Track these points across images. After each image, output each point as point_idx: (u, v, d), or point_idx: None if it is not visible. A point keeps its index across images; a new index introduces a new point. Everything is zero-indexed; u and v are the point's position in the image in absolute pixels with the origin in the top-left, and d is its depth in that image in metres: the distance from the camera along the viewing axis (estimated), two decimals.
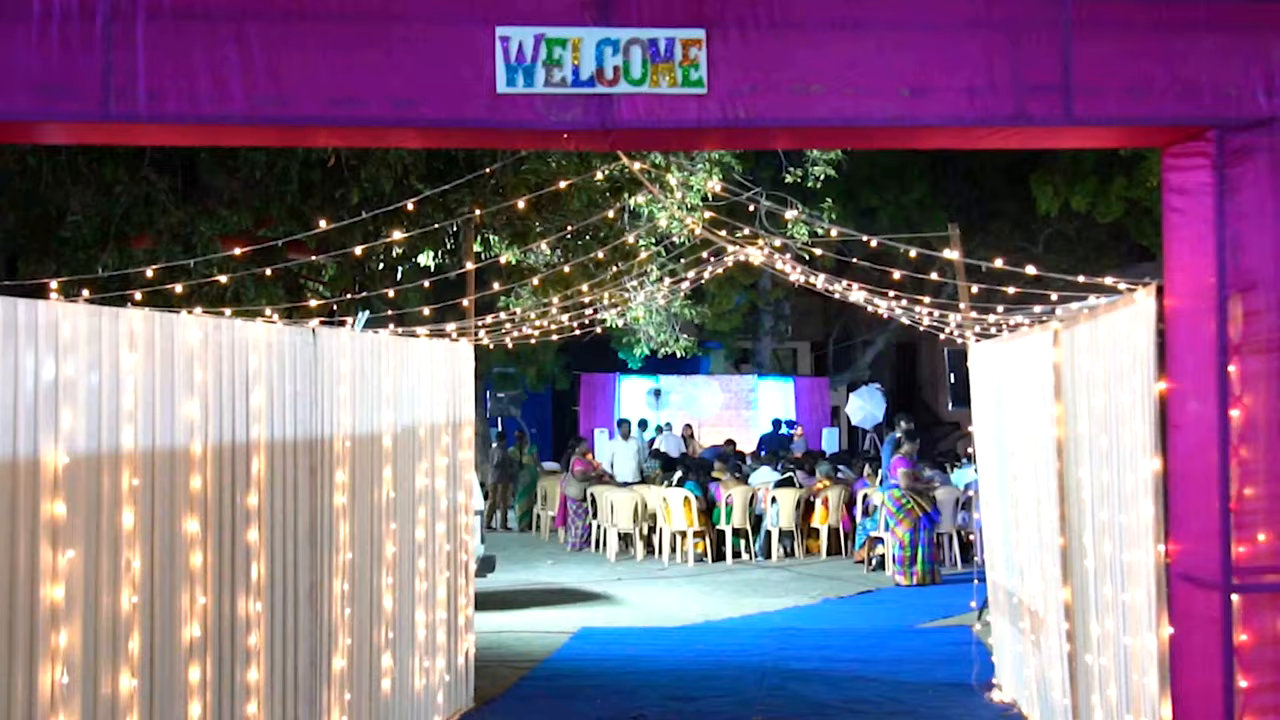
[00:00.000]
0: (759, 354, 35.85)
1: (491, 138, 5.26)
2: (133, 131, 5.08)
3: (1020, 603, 9.71)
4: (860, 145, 6.86)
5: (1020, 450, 9.40)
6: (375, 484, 8.55)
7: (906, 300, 11.44)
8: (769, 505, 19.93)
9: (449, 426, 10.01)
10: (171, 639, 6.13)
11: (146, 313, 6.03)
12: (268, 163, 10.40)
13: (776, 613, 15.47)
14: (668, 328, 18.53)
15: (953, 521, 18.66)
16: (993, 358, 10.51)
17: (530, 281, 12.07)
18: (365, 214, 9.94)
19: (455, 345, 10.26)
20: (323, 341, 7.79)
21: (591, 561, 19.95)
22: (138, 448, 5.89)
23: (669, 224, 15.60)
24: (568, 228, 10.84)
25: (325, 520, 7.76)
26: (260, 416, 7.02)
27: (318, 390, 7.70)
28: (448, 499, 9.97)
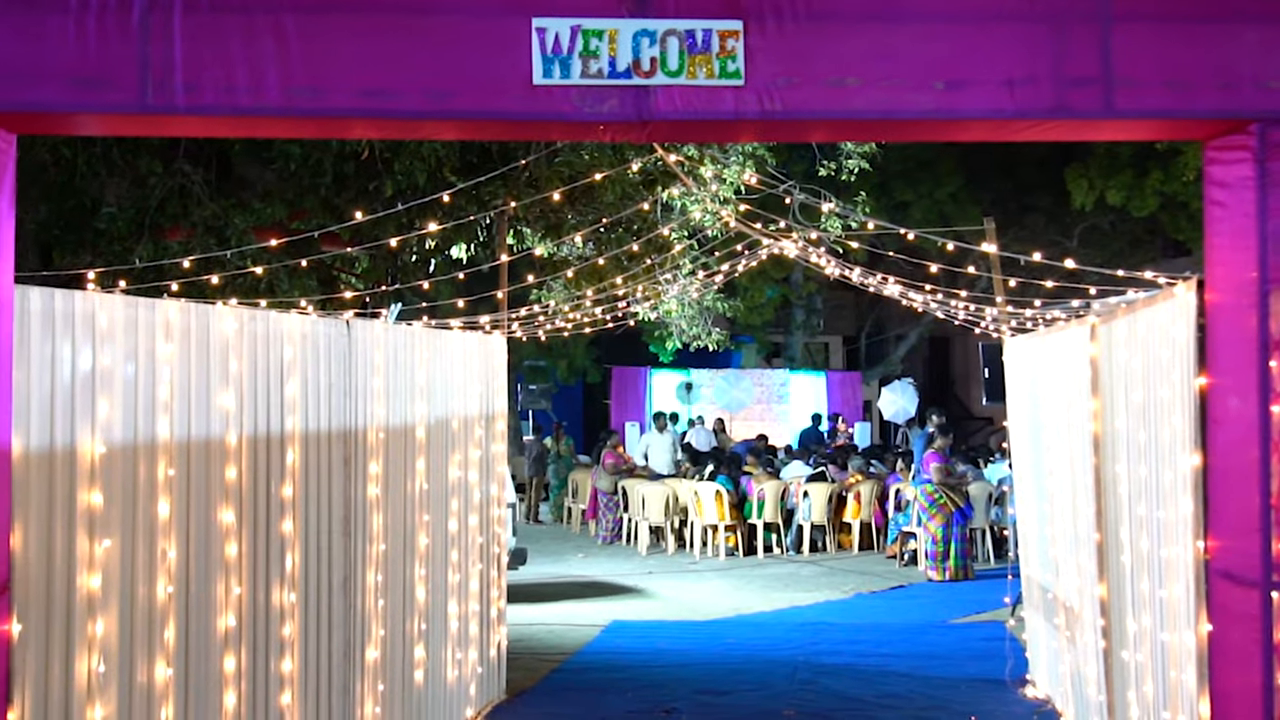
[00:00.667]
0: (791, 348, 35.71)
1: (527, 129, 5.24)
2: (169, 123, 5.08)
3: (1055, 598, 9.66)
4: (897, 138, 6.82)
5: (1056, 445, 9.35)
6: (408, 476, 8.56)
7: (941, 294, 11.37)
8: (801, 500, 19.89)
9: (481, 419, 10.02)
10: (207, 629, 6.15)
11: (182, 303, 6.05)
12: (302, 155, 10.42)
13: (808, 607, 15.43)
14: (700, 321, 18.49)
15: (985, 517, 18.59)
16: (1028, 352, 10.45)
17: (564, 274, 12.04)
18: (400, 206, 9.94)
19: (488, 337, 10.27)
20: (357, 333, 7.80)
21: (622, 555, 19.94)
22: (173, 438, 5.91)
23: (702, 217, 15.58)
24: (601, 220, 10.80)
25: (359, 511, 7.77)
26: (295, 407, 7.04)
27: (352, 382, 7.71)
28: (480, 491, 9.98)
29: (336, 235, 11.08)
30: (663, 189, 11.80)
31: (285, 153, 10.36)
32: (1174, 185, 24.95)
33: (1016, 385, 11.04)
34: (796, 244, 12.63)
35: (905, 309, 36.58)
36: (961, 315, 11.84)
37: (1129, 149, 25.53)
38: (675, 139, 7.82)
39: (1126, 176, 25.71)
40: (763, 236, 11.97)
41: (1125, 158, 25.53)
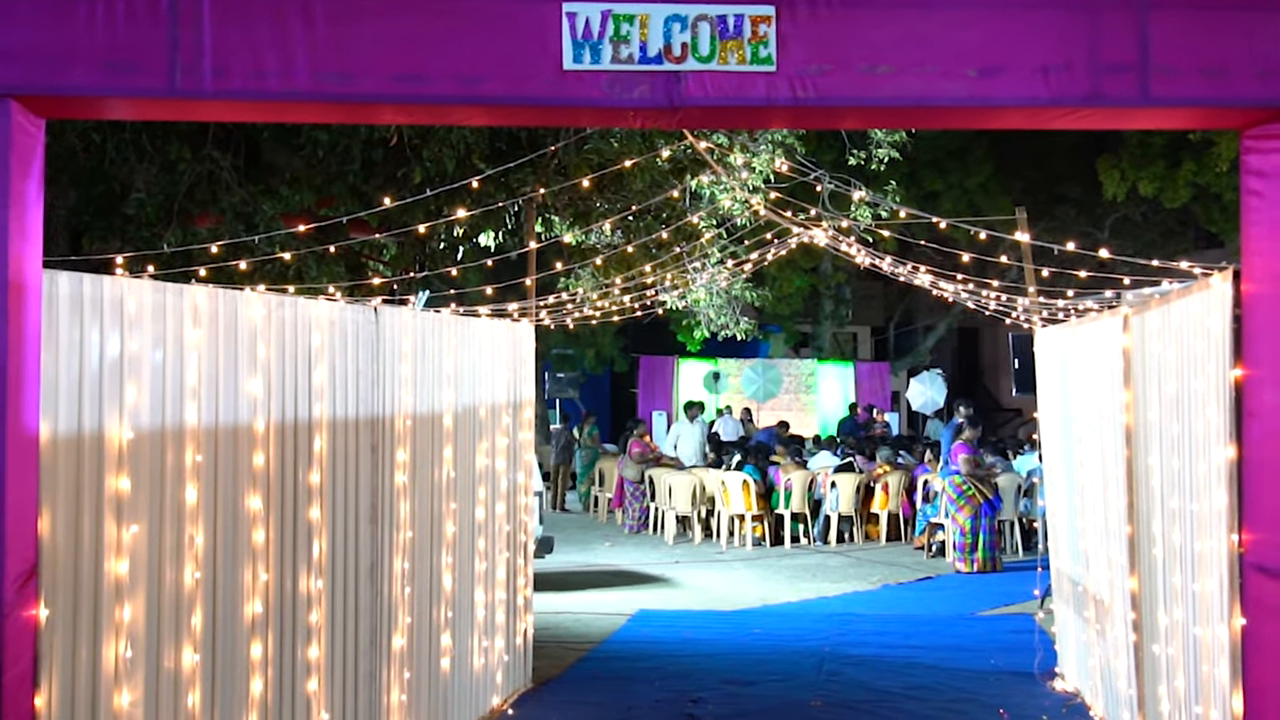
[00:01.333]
0: (819, 338, 35.60)
1: (557, 115, 5.21)
2: (198, 108, 5.06)
3: (1085, 591, 9.59)
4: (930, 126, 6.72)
5: (1087, 437, 9.28)
6: (436, 463, 8.55)
7: (973, 284, 11.29)
8: (828, 490, 19.83)
9: (509, 407, 10.00)
10: (234, 615, 6.15)
11: (210, 289, 6.04)
12: (330, 142, 10.41)
13: (835, 598, 15.39)
14: (728, 310, 18.43)
15: (1014, 508, 18.51)
16: (1060, 343, 10.37)
17: (592, 261, 11.99)
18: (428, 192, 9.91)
19: (516, 325, 10.24)
20: (384, 320, 7.78)
21: (649, 544, 19.92)
22: (201, 424, 5.90)
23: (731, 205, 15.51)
24: (630, 208, 10.73)
25: (386, 499, 7.77)
26: (322, 394, 7.03)
27: (379, 368, 7.70)
28: (508, 479, 9.97)
29: (365, 222, 11.07)
30: (692, 177, 11.71)
31: (314, 139, 10.35)
32: (1207, 176, 24.77)
33: (1047, 376, 10.96)
34: (826, 233, 12.55)
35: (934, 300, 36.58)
36: (993, 306, 11.74)
37: (1161, 139, 25.35)
38: (706, 125, 7.75)
39: (1159, 167, 25.55)
40: (792, 225, 11.89)
41: (1158, 148, 25.35)
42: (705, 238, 12.99)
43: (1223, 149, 24.26)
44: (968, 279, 11.49)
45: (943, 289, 12.19)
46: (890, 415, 32.54)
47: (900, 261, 12.63)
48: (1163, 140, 25.37)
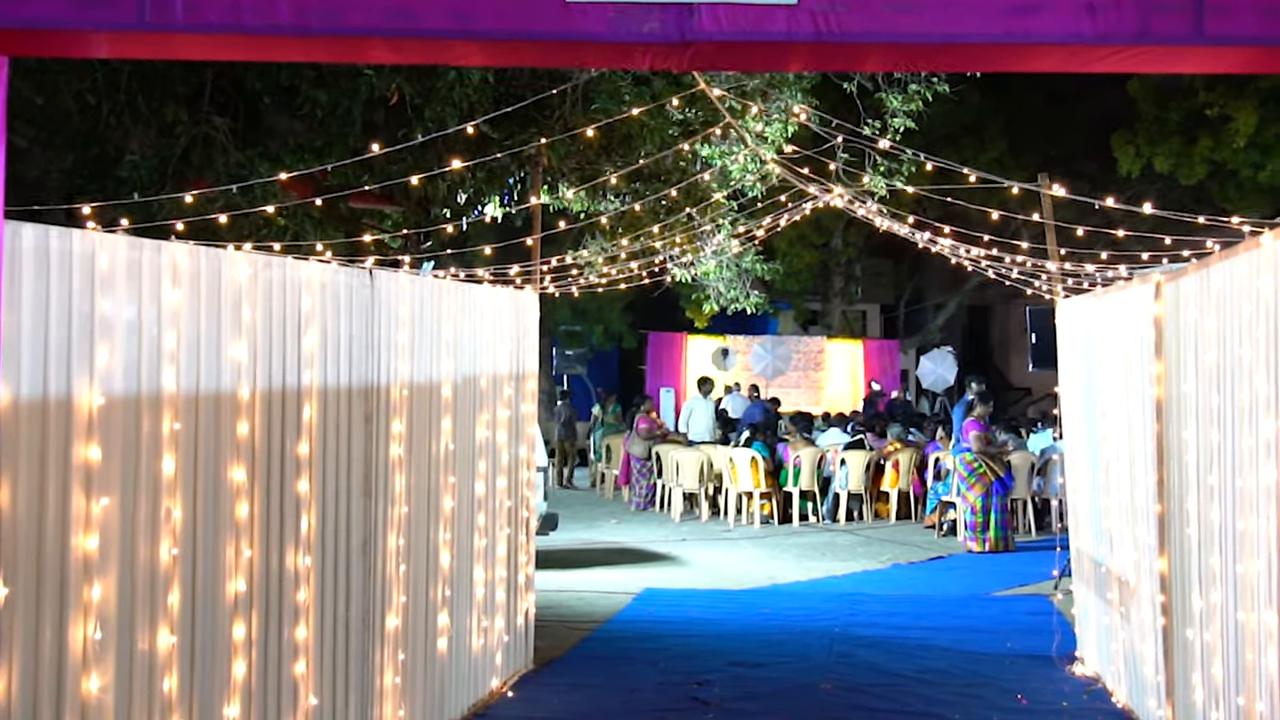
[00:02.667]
0: (828, 315, 35.30)
1: (558, 53, 4.78)
2: (170, 43, 4.66)
3: (1108, 572, 9.21)
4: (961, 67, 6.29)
5: (1112, 411, 8.89)
6: (434, 435, 8.18)
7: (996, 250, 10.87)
8: (838, 467, 19.50)
9: (511, 378, 9.63)
10: (214, 593, 5.80)
11: (191, 247, 5.67)
12: (330, 103, 10.02)
13: (845, 577, 15.05)
14: (738, 284, 18.03)
15: (1027, 487, 18.15)
16: (1083, 314, 9.97)
17: (598, 220, 11.53)
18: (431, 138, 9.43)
19: (519, 293, 9.87)
20: (380, 284, 7.42)
21: (655, 521, 19.62)
22: (180, 390, 5.54)
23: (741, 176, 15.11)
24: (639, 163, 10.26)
25: (380, 472, 7.41)
26: (313, 361, 6.67)
27: (374, 335, 7.33)
28: (509, 453, 9.60)
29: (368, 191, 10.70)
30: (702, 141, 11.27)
31: (312, 99, 9.96)
32: (1224, 152, 24.43)
33: (1069, 349, 10.56)
34: (844, 197, 12.13)
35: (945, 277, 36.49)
36: (1015, 274, 11.33)
37: (1178, 115, 24.97)
38: (719, 66, 7.31)
39: (1175, 143, 25.21)
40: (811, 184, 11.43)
41: (1173, 124, 24.98)
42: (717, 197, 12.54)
43: (1240, 124, 23.88)
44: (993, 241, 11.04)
45: (962, 258, 11.77)
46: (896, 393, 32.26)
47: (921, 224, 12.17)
48: (1179, 117, 25.01)
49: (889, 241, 36.40)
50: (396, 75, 9.88)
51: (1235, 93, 24.21)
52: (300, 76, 10.02)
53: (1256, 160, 24.54)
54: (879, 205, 13.26)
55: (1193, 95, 24.83)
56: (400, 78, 9.86)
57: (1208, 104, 24.46)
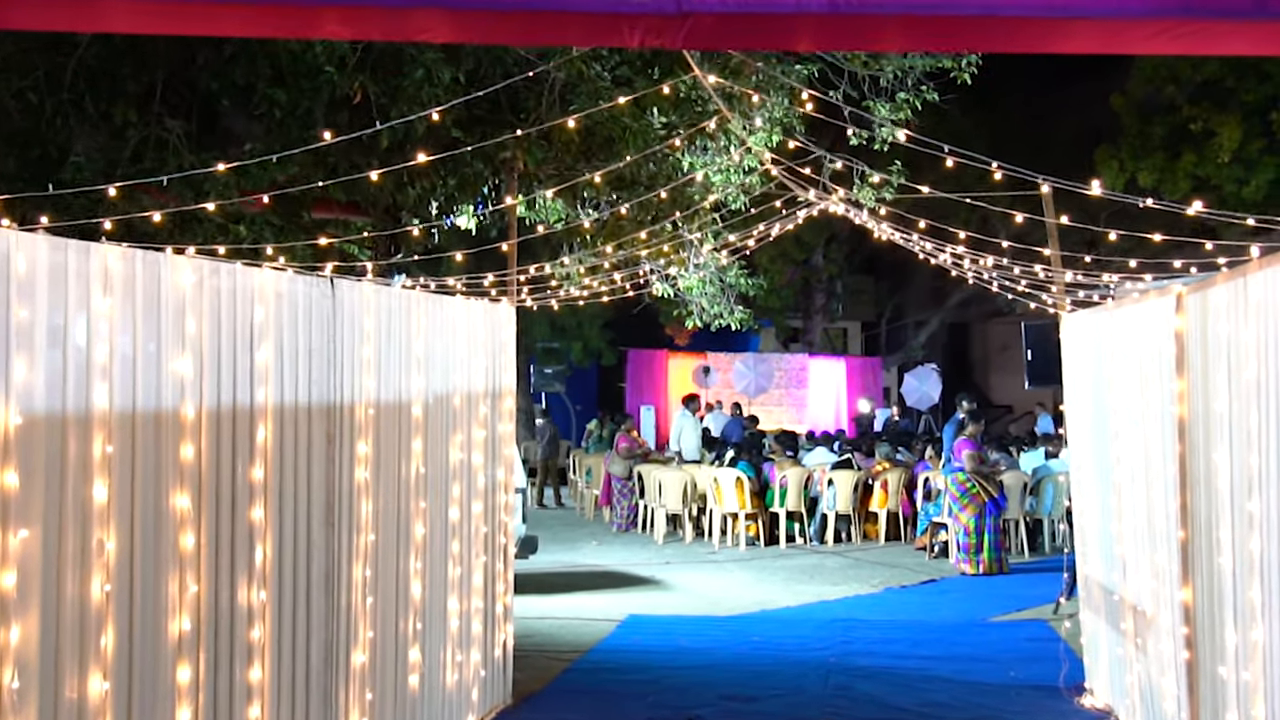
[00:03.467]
0: (810, 332, 35.01)
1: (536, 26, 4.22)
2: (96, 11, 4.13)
3: (1121, 600, 8.67)
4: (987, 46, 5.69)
5: (1126, 431, 8.36)
6: (403, 457, 7.61)
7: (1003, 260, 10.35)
8: (825, 488, 18.97)
9: (487, 395, 9.06)
10: (155, 634, 5.22)
11: (125, 250, 5.10)
12: (290, 103, 9.41)
13: (837, 602, 14.49)
14: (721, 299, 17.50)
15: (1020, 507, 17.63)
16: (1092, 329, 9.44)
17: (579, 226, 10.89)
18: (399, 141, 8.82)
19: (495, 306, 9.31)
20: (343, 294, 6.86)
21: (638, 543, 19.10)
22: (113, 409, 4.97)
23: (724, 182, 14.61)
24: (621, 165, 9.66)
25: (344, 497, 6.83)
26: (267, 377, 6.10)
27: (337, 349, 6.77)
28: (485, 475, 9.02)
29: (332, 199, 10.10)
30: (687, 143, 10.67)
31: (270, 98, 9.35)
32: (1207, 168, 24.25)
33: (1076, 366, 10.02)
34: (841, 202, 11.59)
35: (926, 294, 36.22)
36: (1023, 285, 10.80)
37: (1161, 130, 24.72)
38: (718, 43, 6.75)
39: (1158, 159, 25.06)
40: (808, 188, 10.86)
41: (1157, 139, 24.78)
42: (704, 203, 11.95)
43: (1224, 139, 23.68)
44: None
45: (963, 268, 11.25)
46: (882, 411, 31.96)
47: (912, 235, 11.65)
48: (1162, 131, 24.79)
49: (870, 258, 36.48)
50: (360, 73, 9.28)
51: (1218, 107, 24.08)
52: (257, 74, 9.41)
53: (1240, 176, 24.33)
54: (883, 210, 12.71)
55: (1176, 110, 24.66)
56: (364, 75, 9.27)
57: (1191, 119, 24.35)
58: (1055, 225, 9.97)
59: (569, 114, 9.39)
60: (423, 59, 9.09)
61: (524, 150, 9.44)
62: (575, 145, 9.67)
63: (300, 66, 9.24)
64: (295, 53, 9.08)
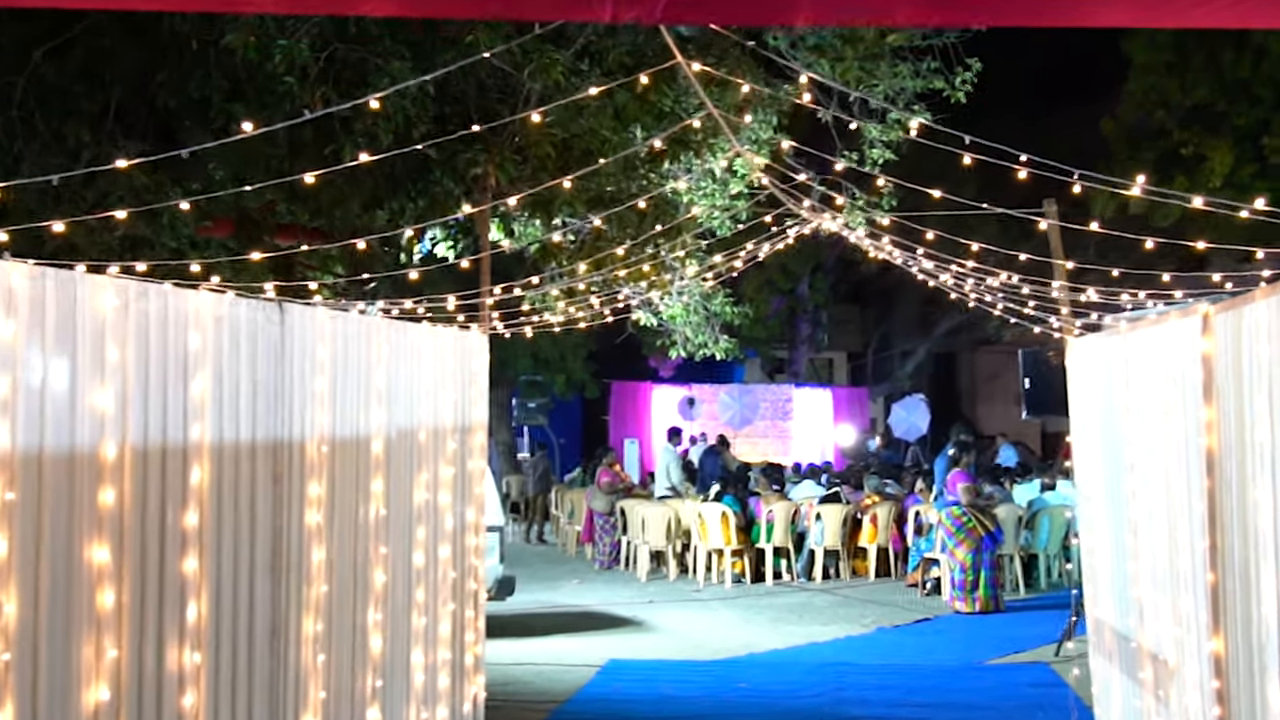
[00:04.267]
0: (795, 363, 34.54)
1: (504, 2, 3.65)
2: None
3: (1139, 648, 8.05)
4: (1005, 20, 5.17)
5: (1144, 463, 7.76)
6: (361, 499, 6.98)
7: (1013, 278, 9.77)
8: (813, 522, 18.34)
9: (456, 429, 8.43)
10: (65, 705, 4.59)
11: (32, 267, 4.49)
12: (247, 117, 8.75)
13: (827, 644, 13.86)
14: (706, 329, 16.92)
15: (1015, 542, 17.03)
16: (1103, 353, 8.85)
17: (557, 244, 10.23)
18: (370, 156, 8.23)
19: (465, 334, 8.69)
20: (293, 320, 6.24)
21: (620, 581, 18.47)
22: (15, 447, 4.35)
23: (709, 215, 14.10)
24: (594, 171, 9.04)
25: (293, 544, 6.21)
26: (203, 411, 5.48)
27: (285, 380, 6.15)
28: (454, 516, 8.39)
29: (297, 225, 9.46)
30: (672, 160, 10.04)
31: (227, 112, 8.71)
32: (1199, 192, 23.71)
33: (1084, 393, 9.42)
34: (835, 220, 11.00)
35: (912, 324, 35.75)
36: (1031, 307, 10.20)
37: (1151, 155, 24.30)
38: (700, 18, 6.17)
39: (1148, 182, 24.52)
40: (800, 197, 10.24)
41: (1147, 164, 24.34)
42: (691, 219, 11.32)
43: (1215, 164, 23.25)
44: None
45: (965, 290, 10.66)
46: (870, 442, 31.51)
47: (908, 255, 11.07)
48: (1153, 156, 24.34)
49: (856, 288, 36.00)
50: (321, 84, 8.66)
51: (1210, 131, 23.66)
52: (213, 86, 8.79)
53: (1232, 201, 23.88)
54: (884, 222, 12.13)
55: (1166, 135, 24.27)
56: (325, 86, 8.64)
57: (1182, 143, 23.90)
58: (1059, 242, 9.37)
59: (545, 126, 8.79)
60: (389, 68, 8.48)
61: (496, 165, 8.83)
62: (552, 160, 9.07)
63: (259, 78, 8.63)
64: (253, 63, 8.47)
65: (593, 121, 8.76)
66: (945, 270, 10.08)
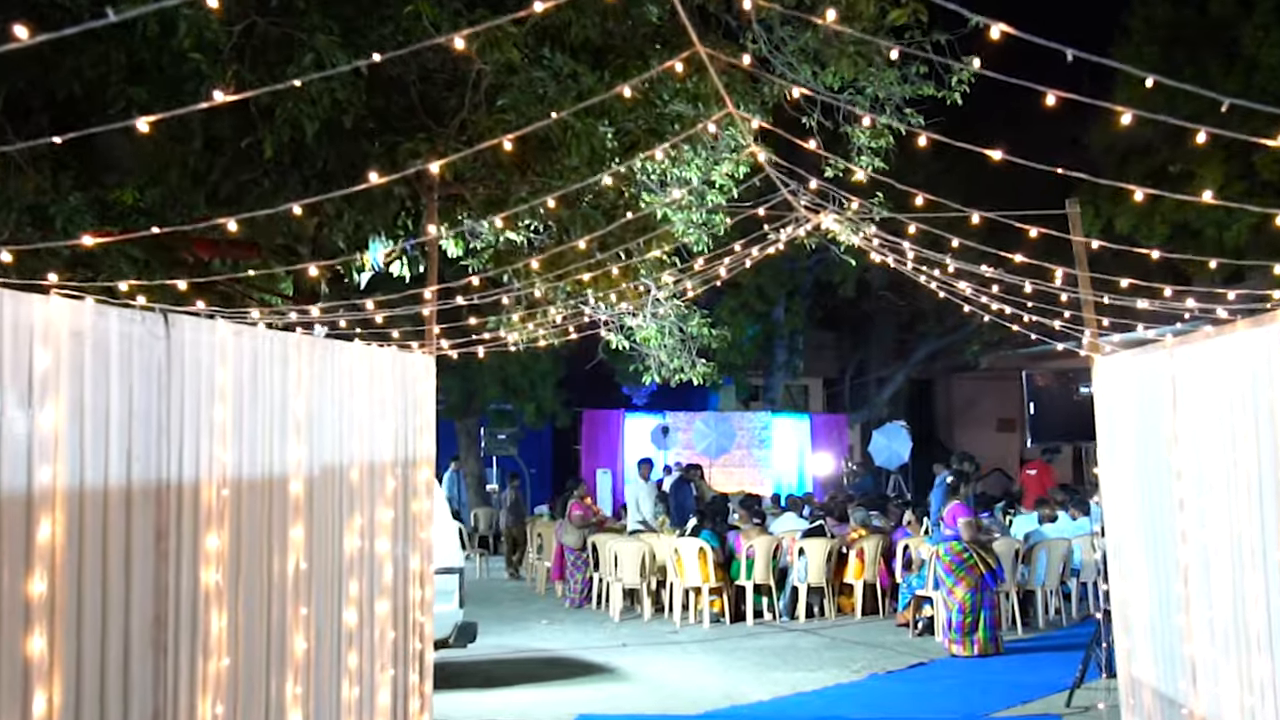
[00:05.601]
0: (771, 389, 33.64)
1: None
2: None
3: (1190, 715, 6.94)
4: None
5: (1201, 501, 6.66)
6: (275, 550, 5.83)
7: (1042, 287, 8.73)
8: (795, 558, 17.23)
9: (397, 465, 7.28)
10: None
11: None
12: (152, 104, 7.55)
13: (815, 694, 12.73)
14: (681, 352, 15.80)
15: (1013, 578, 15.96)
16: (1142, 373, 7.75)
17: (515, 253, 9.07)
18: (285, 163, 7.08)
19: (408, 357, 7.55)
20: (182, 334, 5.09)
21: (592, 621, 17.37)
22: None
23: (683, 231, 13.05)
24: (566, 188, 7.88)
25: (182, 610, 5.05)
26: (55, 449, 4.33)
27: (171, 409, 5.00)
28: (394, 565, 7.22)
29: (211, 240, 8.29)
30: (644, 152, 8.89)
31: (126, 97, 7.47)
32: (1187, 212, 23.00)
33: (1115, 420, 8.31)
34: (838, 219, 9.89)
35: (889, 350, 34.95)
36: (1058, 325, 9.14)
37: (1138, 174, 23.55)
38: None
39: (1136, 203, 23.84)
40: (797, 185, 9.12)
41: (1134, 182, 23.56)
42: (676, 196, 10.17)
43: (1206, 182, 22.55)
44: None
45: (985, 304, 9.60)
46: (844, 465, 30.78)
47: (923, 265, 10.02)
48: (1140, 175, 23.61)
49: (832, 313, 35.12)
50: (236, 62, 7.44)
51: (1198, 148, 22.94)
52: (108, 63, 7.54)
53: (1222, 219, 23.16)
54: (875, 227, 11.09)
55: (1154, 153, 23.58)
56: (240, 65, 7.42)
57: (1170, 161, 23.21)
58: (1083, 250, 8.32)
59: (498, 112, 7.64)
60: (314, 42, 7.28)
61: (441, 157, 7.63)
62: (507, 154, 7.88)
63: (163, 57, 7.43)
64: (153, 39, 7.26)
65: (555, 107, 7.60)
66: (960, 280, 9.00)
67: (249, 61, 7.45)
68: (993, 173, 26.50)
